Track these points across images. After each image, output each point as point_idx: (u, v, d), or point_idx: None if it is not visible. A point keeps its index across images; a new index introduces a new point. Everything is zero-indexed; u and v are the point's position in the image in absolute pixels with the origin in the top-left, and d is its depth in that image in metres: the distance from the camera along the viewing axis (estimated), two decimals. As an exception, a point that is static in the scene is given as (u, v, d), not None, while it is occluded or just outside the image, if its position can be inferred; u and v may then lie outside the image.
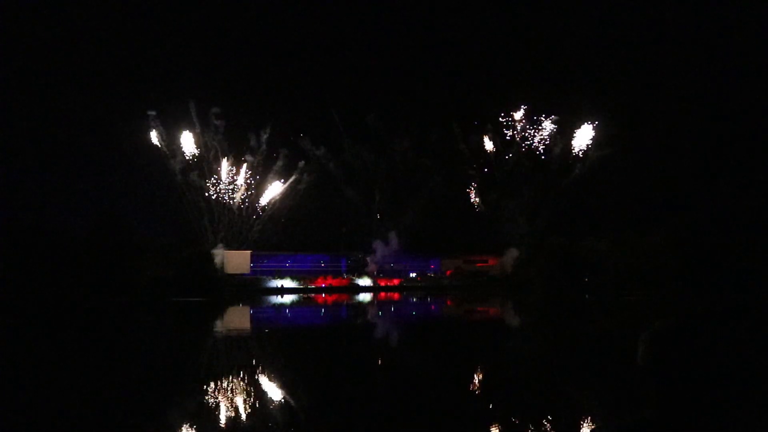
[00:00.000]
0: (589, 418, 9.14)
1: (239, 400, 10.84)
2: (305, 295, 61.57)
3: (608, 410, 9.46)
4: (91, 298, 46.80)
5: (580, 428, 8.61)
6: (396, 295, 61.57)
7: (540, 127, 78.54)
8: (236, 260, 69.57)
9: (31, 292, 47.28)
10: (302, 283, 70.30)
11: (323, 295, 63.22)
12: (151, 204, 74.22)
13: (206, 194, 73.94)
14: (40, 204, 68.45)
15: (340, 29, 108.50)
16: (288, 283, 69.57)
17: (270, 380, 13.34)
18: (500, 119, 79.24)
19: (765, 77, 78.71)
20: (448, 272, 77.61)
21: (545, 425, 8.87)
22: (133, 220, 66.34)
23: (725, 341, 1.71)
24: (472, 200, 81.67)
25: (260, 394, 11.60)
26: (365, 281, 73.17)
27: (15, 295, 46.44)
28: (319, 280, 71.99)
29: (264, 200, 76.34)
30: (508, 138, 79.50)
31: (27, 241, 51.97)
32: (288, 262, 73.96)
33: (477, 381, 13.03)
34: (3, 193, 65.92)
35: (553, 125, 77.99)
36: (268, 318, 36.29)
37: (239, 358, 17.44)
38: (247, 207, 75.98)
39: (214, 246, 70.60)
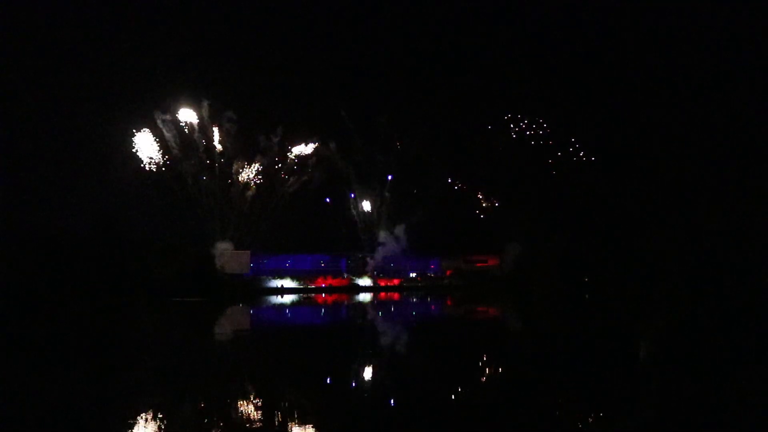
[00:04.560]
0: (590, 418, 9.13)
1: (243, 402, 10.84)
2: (305, 295, 61.58)
3: (608, 410, 9.45)
4: (91, 298, 46.80)
5: (581, 428, 8.61)
6: (396, 295, 61.58)
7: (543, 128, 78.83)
8: (236, 260, 69.57)
9: (32, 291, 47.26)
10: (302, 283, 70.34)
11: (323, 295, 63.23)
12: (152, 204, 74.13)
13: (213, 193, 74.13)
14: (40, 204, 68.37)
15: (349, 30, 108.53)
16: (288, 283, 69.60)
17: (271, 382, 13.34)
18: (506, 119, 79.56)
19: (765, 76, 78.73)
20: (448, 272, 77.65)
21: (546, 425, 8.87)
22: (133, 220, 66.35)
23: (725, 341, 1.72)
24: (478, 200, 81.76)
25: (262, 396, 11.60)
26: (365, 281, 73.21)
27: (15, 294, 46.43)
28: (319, 280, 72.02)
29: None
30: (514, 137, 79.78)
31: (27, 241, 51.97)
32: (288, 262, 73.99)
33: (477, 381, 13.03)
34: (3, 193, 65.89)
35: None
36: (268, 318, 36.29)
37: (240, 360, 17.44)
38: (254, 207, 76.11)
39: (220, 242, 70.74)
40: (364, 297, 57.60)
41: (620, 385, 10.88)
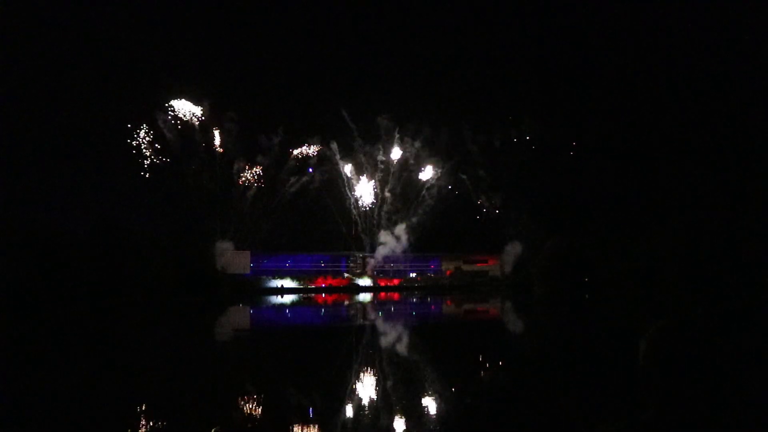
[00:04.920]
0: (589, 418, 9.14)
1: (246, 404, 10.85)
2: (305, 295, 61.59)
3: (608, 410, 9.46)
4: (90, 298, 46.82)
5: (580, 429, 8.61)
6: (396, 295, 61.59)
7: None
8: (236, 260, 69.56)
9: (31, 293, 47.25)
10: (302, 283, 70.35)
11: (323, 295, 63.23)
12: (153, 204, 74.24)
13: (214, 193, 74.20)
14: (40, 204, 68.47)
15: (350, 29, 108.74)
16: (288, 283, 69.62)
17: (273, 383, 13.35)
18: (507, 120, 79.72)
19: (765, 75, 78.79)
20: (448, 272, 77.63)
21: (545, 426, 8.88)
22: (133, 220, 66.43)
23: (725, 341, 1.72)
24: (479, 200, 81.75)
25: (265, 397, 11.62)
26: (365, 281, 73.20)
27: (14, 296, 46.41)
28: (319, 280, 72.03)
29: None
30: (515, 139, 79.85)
31: (26, 241, 51.97)
32: (288, 262, 73.97)
33: (476, 381, 13.03)
34: (2, 193, 65.94)
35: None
36: (268, 318, 36.32)
37: (242, 360, 17.44)
38: (256, 207, 76.15)
39: (220, 242, 70.80)
40: (364, 297, 57.61)
41: (621, 386, 10.90)
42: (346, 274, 74.55)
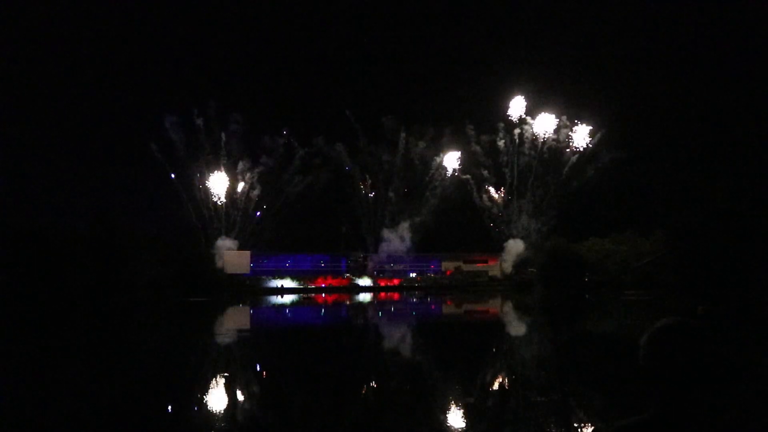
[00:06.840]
0: (590, 418, 9.14)
1: (249, 403, 10.85)
2: (305, 295, 61.59)
3: (608, 410, 9.46)
4: (90, 298, 46.79)
5: (581, 429, 8.62)
6: (396, 295, 61.59)
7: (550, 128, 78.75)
8: (236, 260, 69.57)
9: (29, 293, 47.19)
10: (302, 283, 70.30)
11: (323, 295, 63.23)
12: (154, 203, 74.32)
13: (216, 194, 74.28)
14: (39, 204, 68.43)
15: (354, 30, 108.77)
16: (288, 283, 69.57)
17: (275, 383, 13.35)
18: (509, 117, 79.68)
19: (765, 75, 78.82)
20: (448, 272, 77.63)
21: (546, 426, 8.88)
22: (133, 220, 66.47)
23: (725, 341, 1.72)
24: (483, 200, 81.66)
25: (267, 396, 11.63)
26: (365, 281, 73.16)
27: (12, 296, 46.35)
28: (319, 280, 71.99)
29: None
30: (516, 138, 79.72)
31: (25, 241, 51.91)
32: (288, 262, 73.96)
33: (477, 382, 13.03)
34: (2, 193, 65.91)
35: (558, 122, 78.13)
36: (268, 318, 36.32)
37: (244, 361, 17.44)
38: (258, 208, 76.36)
39: (221, 241, 70.84)
40: (364, 297, 57.62)
41: (621, 386, 10.90)
42: (346, 274, 74.52)
